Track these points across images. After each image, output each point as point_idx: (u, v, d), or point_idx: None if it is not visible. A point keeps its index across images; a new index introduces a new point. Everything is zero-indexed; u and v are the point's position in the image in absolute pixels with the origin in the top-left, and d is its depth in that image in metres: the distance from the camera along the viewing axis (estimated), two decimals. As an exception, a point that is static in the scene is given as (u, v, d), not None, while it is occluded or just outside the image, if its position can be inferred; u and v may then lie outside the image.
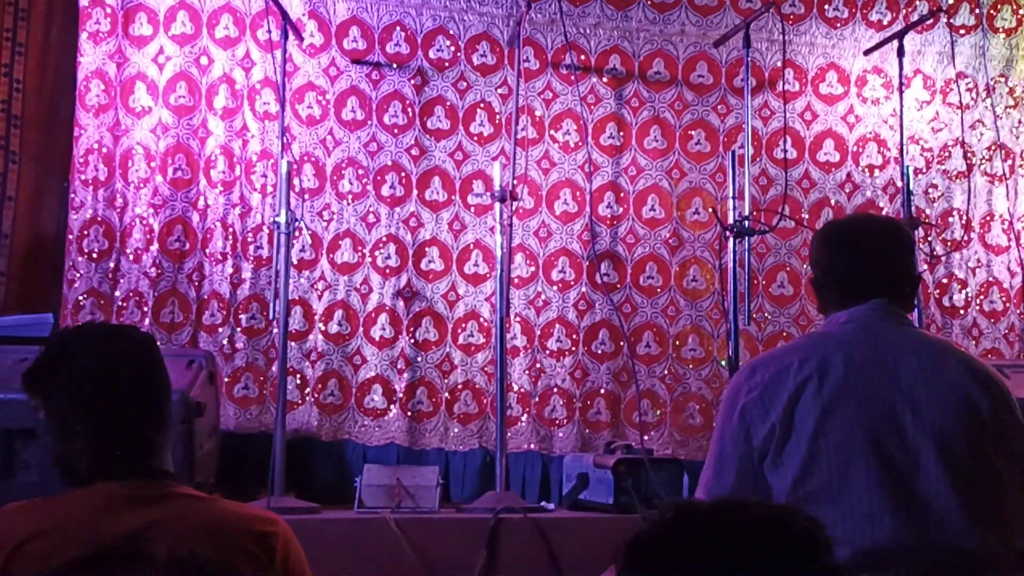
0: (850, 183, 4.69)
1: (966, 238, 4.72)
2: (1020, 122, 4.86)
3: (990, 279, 4.75)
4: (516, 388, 4.31)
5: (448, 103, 4.45)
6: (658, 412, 4.40)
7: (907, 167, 4.23)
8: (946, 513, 1.78)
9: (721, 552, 1.06)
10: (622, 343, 4.38)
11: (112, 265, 4.17)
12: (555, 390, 4.35)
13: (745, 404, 1.92)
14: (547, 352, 4.37)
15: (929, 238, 4.63)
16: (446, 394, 4.29)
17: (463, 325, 4.35)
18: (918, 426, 1.84)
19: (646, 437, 4.26)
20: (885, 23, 4.76)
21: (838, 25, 4.75)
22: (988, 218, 4.79)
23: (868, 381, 1.88)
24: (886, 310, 2.02)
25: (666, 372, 4.44)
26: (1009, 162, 4.79)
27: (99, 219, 4.18)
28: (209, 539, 1.73)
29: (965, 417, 1.86)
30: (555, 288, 4.42)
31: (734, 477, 1.93)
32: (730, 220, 4.00)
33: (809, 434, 1.84)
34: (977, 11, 4.80)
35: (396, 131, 4.40)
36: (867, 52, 4.63)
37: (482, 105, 4.47)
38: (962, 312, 4.71)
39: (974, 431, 1.85)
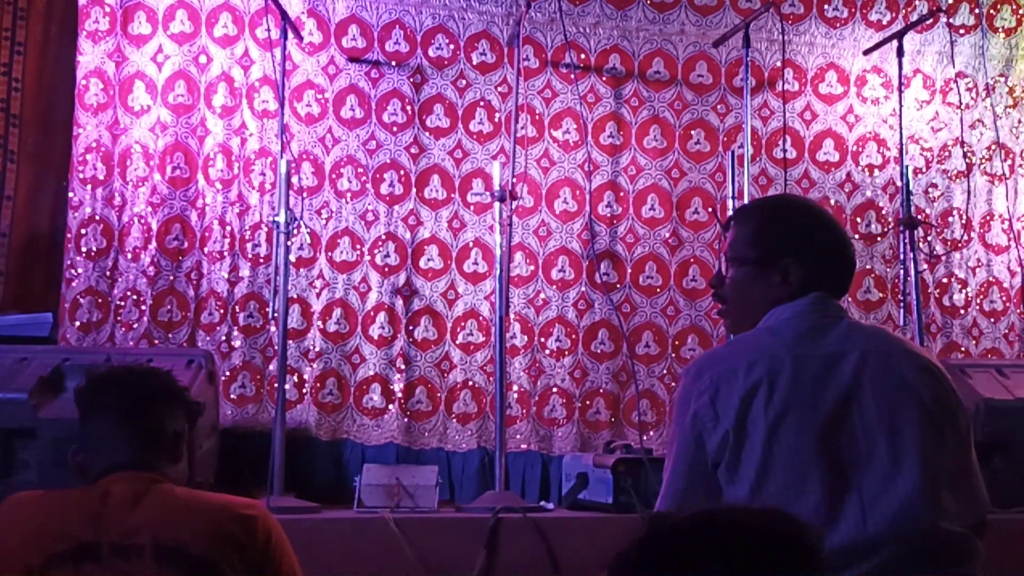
0: (850, 183, 4.69)
1: (966, 238, 4.72)
2: (1020, 122, 4.86)
3: (990, 279, 4.75)
4: (515, 387, 4.30)
5: (447, 101, 4.44)
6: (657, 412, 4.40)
7: (907, 167, 4.23)
8: (902, 505, 1.78)
9: (699, 566, 1.05)
10: (622, 343, 4.38)
11: (110, 264, 4.17)
12: (554, 390, 4.35)
13: (696, 410, 1.88)
14: (546, 351, 4.37)
15: (929, 238, 4.63)
16: (445, 393, 4.29)
17: (462, 324, 4.34)
18: (867, 421, 1.83)
19: (645, 437, 4.26)
20: (885, 23, 4.76)
21: (837, 25, 4.75)
22: (988, 218, 4.79)
23: (816, 381, 1.86)
24: (828, 304, 1.98)
25: (665, 372, 4.44)
26: (1009, 162, 4.79)
27: (97, 218, 4.18)
28: (191, 525, 1.84)
29: (913, 408, 1.85)
30: (555, 287, 4.41)
31: (683, 482, 1.90)
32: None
33: (761, 441, 1.81)
34: (977, 11, 4.80)
35: (395, 129, 4.40)
36: (867, 52, 4.63)
37: (481, 103, 4.47)
38: (962, 312, 4.71)
39: (922, 420, 1.84)
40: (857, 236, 4.62)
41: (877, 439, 1.82)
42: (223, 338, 4.19)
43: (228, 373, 4.15)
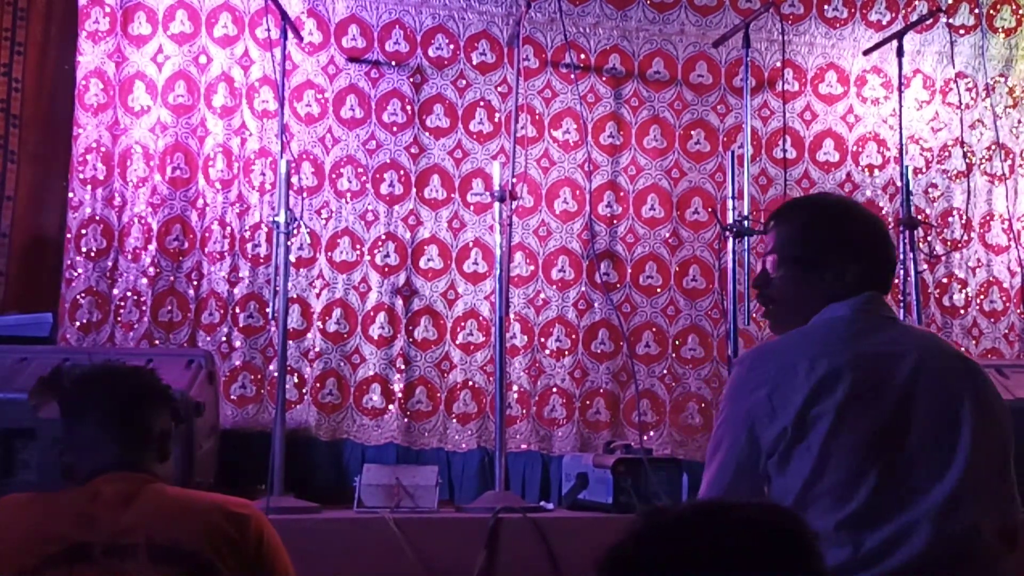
0: (850, 183, 4.69)
1: (966, 238, 4.72)
2: (1020, 122, 4.86)
3: (990, 279, 4.75)
4: (515, 387, 4.30)
5: (447, 101, 4.45)
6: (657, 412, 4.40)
7: (907, 167, 4.23)
8: (951, 507, 1.80)
9: (696, 560, 1.03)
10: (621, 343, 4.38)
11: (110, 264, 4.17)
12: (554, 390, 4.35)
13: (751, 404, 1.88)
14: (546, 351, 4.37)
15: (929, 238, 4.63)
16: (445, 393, 4.29)
17: (462, 324, 4.34)
18: (922, 423, 1.85)
19: (645, 437, 4.26)
20: (884, 23, 4.76)
21: (837, 25, 4.75)
22: (988, 218, 4.79)
23: (876, 381, 1.87)
24: (881, 303, 2.00)
25: (665, 372, 4.44)
26: (1009, 162, 4.79)
27: (97, 218, 4.18)
28: (185, 524, 1.84)
29: (966, 411, 1.87)
30: (555, 287, 4.41)
31: (731, 476, 1.90)
32: (729, 220, 4.00)
33: (822, 437, 1.82)
34: (976, 11, 4.80)
35: (395, 129, 4.40)
36: (866, 52, 4.63)
37: (481, 103, 4.47)
38: (962, 312, 4.71)
39: (973, 424, 1.86)
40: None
41: (931, 441, 1.84)
42: (223, 338, 4.19)
43: (228, 373, 4.16)
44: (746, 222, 3.97)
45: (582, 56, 4.54)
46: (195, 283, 4.21)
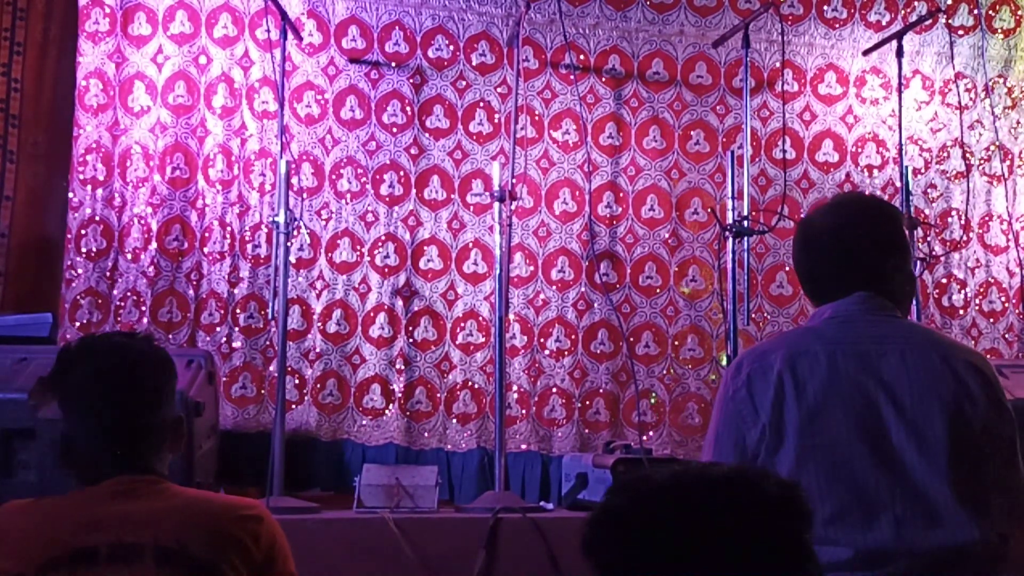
0: (849, 183, 4.69)
1: (965, 238, 4.73)
2: (1018, 122, 4.86)
3: (989, 279, 4.76)
4: (515, 388, 4.30)
5: (447, 102, 4.45)
6: (657, 412, 4.40)
7: (906, 167, 4.23)
8: (936, 510, 1.79)
9: (683, 527, 1.01)
10: (621, 343, 4.38)
11: (110, 264, 4.17)
12: (554, 390, 4.35)
13: (737, 403, 1.91)
14: (546, 352, 4.37)
15: (928, 238, 4.63)
16: (445, 394, 4.29)
17: (462, 324, 4.34)
18: (901, 426, 1.83)
19: (645, 437, 4.26)
20: (884, 24, 4.77)
21: (837, 26, 4.75)
22: (987, 218, 4.79)
23: (851, 381, 1.86)
24: (871, 303, 1.98)
25: (665, 372, 4.44)
26: (1008, 162, 4.80)
27: (97, 219, 4.18)
28: (194, 526, 1.80)
29: (947, 415, 1.85)
30: (554, 288, 4.42)
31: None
32: (729, 220, 4.00)
33: (795, 437, 1.83)
34: (976, 12, 4.81)
35: (395, 130, 4.40)
36: (866, 52, 4.63)
37: (481, 104, 4.47)
38: (961, 312, 4.71)
39: (957, 428, 1.84)
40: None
41: (911, 446, 1.82)
42: (223, 339, 4.19)
43: (228, 374, 4.16)
44: (745, 222, 3.97)
45: (582, 57, 4.55)
46: (195, 283, 4.21)
